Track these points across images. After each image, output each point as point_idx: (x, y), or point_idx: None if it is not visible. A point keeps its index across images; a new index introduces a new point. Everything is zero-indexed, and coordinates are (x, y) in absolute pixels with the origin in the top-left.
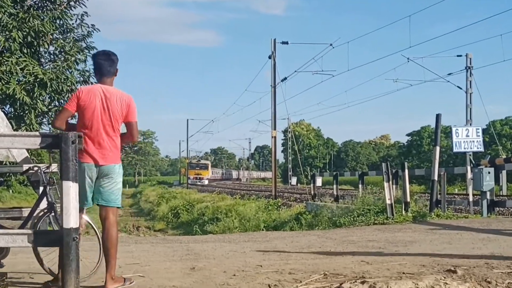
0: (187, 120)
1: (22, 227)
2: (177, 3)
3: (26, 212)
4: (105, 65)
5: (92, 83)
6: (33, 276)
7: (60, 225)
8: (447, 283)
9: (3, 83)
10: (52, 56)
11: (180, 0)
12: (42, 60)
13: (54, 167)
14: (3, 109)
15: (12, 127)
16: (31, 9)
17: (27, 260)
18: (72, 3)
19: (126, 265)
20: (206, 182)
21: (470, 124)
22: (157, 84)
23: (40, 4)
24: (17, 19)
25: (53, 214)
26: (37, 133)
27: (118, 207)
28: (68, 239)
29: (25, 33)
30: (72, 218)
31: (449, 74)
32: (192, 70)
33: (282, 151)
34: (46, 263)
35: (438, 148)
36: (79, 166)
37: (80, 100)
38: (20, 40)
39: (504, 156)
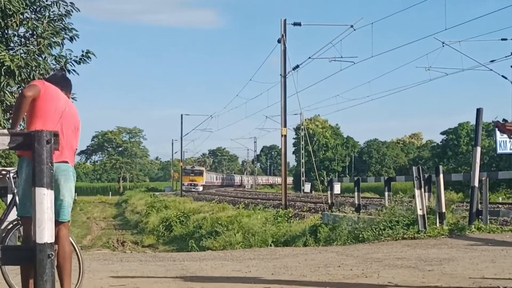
0: (181, 115)
1: None
2: None
3: None
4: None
5: (70, 72)
6: None
7: (32, 240)
8: None
9: None
10: (22, 40)
11: None
12: (12, 44)
13: None
14: None
15: None
16: None
17: None
18: None
19: (111, 287)
20: (201, 188)
21: None
22: (146, 73)
23: None
24: None
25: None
26: (5, 131)
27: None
28: (42, 256)
29: None
30: (46, 232)
31: (492, 61)
32: (187, 57)
33: (293, 153)
34: (16, 284)
35: (479, 149)
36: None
37: None
38: None
39: None
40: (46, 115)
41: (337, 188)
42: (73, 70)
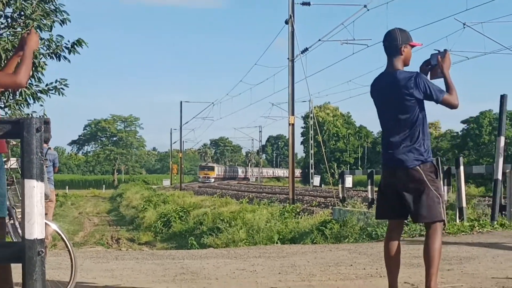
0: (181, 102)
1: None
2: None
3: None
4: None
5: (64, 58)
6: None
7: (21, 236)
8: None
9: None
10: (9, 21)
11: None
12: None
13: (13, 163)
14: None
15: None
16: None
17: None
18: None
19: (105, 287)
20: (213, 180)
21: None
22: (142, 57)
23: None
24: None
25: (12, 221)
26: None
27: None
28: (31, 253)
29: None
30: (36, 227)
31: None
32: (187, 38)
33: (301, 143)
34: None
35: (502, 139)
36: None
37: None
38: None
39: None
40: None
41: (348, 181)
42: (64, 56)
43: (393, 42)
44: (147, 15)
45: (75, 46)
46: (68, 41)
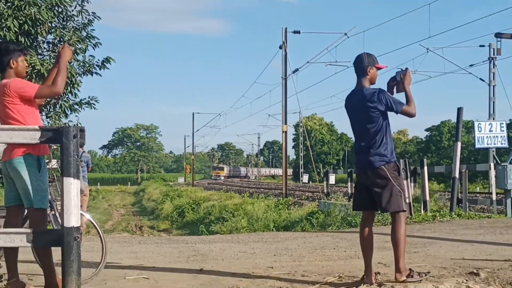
0: (193, 113)
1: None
2: None
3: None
4: None
5: (96, 74)
6: (32, 278)
7: (60, 224)
8: (469, 286)
9: None
10: (50, 46)
11: None
12: (41, 50)
13: (54, 163)
14: None
15: None
16: None
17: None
18: None
19: (130, 267)
20: (223, 177)
21: (494, 119)
22: (161, 76)
23: None
24: (13, 7)
25: (53, 212)
26: (36, 127)
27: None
28: (69, 239)
29: (21, 22)
30: (73, 217)
31: (471, 65)
32: (198, 61)
33: (293, 147)
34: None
35: (459, 144)
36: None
37: None
38: (16, 29)
39: None
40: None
41: (332, 179)
42: (96, 73)
43: (361, 64)
44: (165, 41)
45: (105, 63)
46: (99, 60)
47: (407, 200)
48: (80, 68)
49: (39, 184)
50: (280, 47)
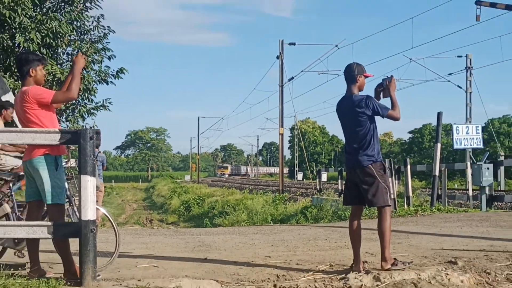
0: (198, 117)
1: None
2: (188, 6)
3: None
4: (18, 67)
5: (111, 83)
6: (52, 266)
7: (78, 217)
8: (448, 274)
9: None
10: (69, 57)
11: (191, 3)
12: (60, 60)
13: (72, 162)
14: None
15: None
16: (49, 11)
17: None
18: (88, 4)
19: (141, 256)
20: (227, 175)
21: (470, 122)
22: (169, 83)
23: (57, 6)
24: (36, 21)
25: (71, 207)
26: (56, 129)
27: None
28: (86, 231)
29: (43, 35)
30: (89, 211)
31: (450, 74)
32: (203, 69)
33: (289, 148)
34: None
35: (439, 145)
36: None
37: None
38: (39, 41)
39: (502, 153)
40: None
41: (324, 177)
42: (111, 82)
43: (351, 73)
44: (172, 52)
45: (119, 73)
46: (113, 70)
47: (392, 196)
48: (96, 76)
49: (56, 182)
50: (277, 58)
